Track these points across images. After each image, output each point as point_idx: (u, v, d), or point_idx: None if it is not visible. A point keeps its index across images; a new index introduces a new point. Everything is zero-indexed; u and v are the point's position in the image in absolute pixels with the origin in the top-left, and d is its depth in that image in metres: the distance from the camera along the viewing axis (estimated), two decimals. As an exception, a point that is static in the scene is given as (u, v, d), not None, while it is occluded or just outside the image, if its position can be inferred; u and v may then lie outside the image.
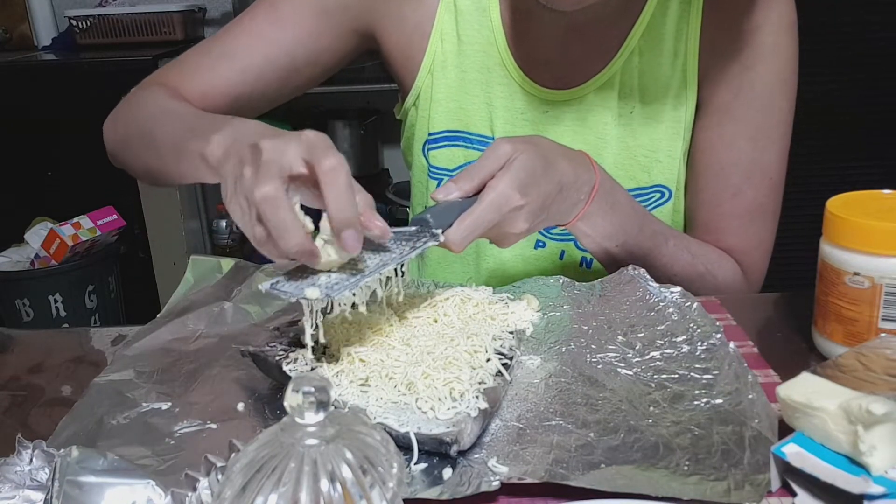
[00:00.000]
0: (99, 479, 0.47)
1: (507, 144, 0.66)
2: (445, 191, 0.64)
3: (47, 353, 0.75)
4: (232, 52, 0.85)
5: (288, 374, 0.59)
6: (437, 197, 0.64)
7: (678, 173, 0.86)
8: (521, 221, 0.65)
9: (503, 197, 0.63)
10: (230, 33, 0.86)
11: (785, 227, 0.90)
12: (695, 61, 0.83)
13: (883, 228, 0.60)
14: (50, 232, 1.99)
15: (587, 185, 0.71)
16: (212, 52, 0.86)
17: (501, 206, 0.63)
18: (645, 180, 0.86)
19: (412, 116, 0.92)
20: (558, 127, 0.87)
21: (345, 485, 0.36)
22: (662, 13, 0.82)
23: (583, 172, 0.71)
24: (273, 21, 0.85)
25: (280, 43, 0.85)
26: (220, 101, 0.85)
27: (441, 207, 0.63)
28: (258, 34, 0.85)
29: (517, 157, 0.65)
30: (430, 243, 0.61)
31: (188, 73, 0.86)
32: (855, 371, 0.55)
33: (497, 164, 0.65)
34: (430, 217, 0.61)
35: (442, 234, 0.61)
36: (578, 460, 0.52)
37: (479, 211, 0.63)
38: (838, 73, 2.17)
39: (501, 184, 0.63)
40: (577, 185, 0.70)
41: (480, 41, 0.86)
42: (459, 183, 0.64)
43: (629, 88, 0.84)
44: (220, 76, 0.85)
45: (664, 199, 0.87)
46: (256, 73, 0.85)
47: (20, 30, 2.50)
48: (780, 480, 0.49)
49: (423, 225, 0.62)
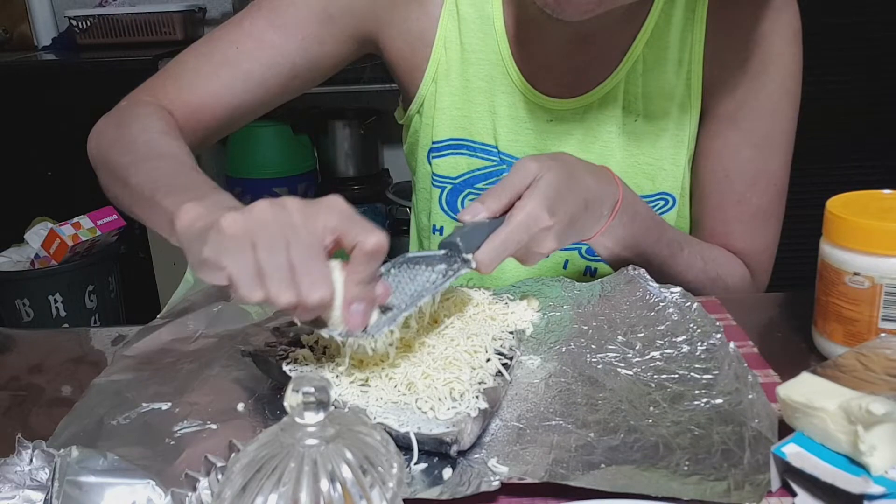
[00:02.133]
0: (99, 479, 0.47)
1: (534, 163, 0.65)
2: (473, 211, 0.63)
3: (47, 353, 0.75)
4: (233, 59, 0.82)
5: (288, 374, 0.59)
6: (464, 218, 0.63)
7: (682, 180, 0.86)
8: (549, 241, 0.65)
9: (532, 217, 0.62)
10: (230, 38, 0.83)
11: (785, 227, 0.90)
12: (699, 70, 0.82)
13: (883, 228, 0.60)
14: (50, 232, 1.99)
15: (611, 200, 0.71)
16: (212, 59, 0.83)
17: (531, 227, 0.63)
18: (649, 188, 0.85)
19: (416, 123, 0.91)
20: (562, 136, 0.86)
21: (345, 485, 0.36)
22: (667, 22, 0.82)
23: (607, 187, 0.71)
24: (276, 26, 0.82)
25: (282, 48, 0.83)
26: (220, 110, 0.83)
27: (469, 228, 0.62)
28: (260, 39, 0.82)
29: (543, 176, 0.64)
30: (462, 270, 0.60)
31: (186, 82, 0.83)
32: (855, 371, 0.55)
33: (524, 182, 0.64)
34: (459, 241, 0.60)
35: (473, 258, 0.60)
36: (578, 460, 0.52)
37: (509, 232, 0.62)
38: (838, 73, 2.17)
39: (530, 204, 0.63)
40: (601, 200, 0.70)
41: (484, 49, 0.85)
42: (487, 203, 0.63)
43: (633, 97, 0.84)
44: (221, 84, 0.82)
45: (668, 207, 0.87)
46: (259, 79, 0.83)
47: (20, 30, 2.50)
48: (780, 480, 0.49)
49: (453, 249, 0.61)
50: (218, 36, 0.84)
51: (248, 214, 0.52)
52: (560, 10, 0.68)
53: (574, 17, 0.69)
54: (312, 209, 0.52)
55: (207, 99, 0.83)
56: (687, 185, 0.87)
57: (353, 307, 0.53)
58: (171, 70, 0.85)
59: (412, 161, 0.95)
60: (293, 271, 0.50)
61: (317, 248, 0.51)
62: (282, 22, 0.82)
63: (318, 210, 0.52)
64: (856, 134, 2.20)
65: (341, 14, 0.83)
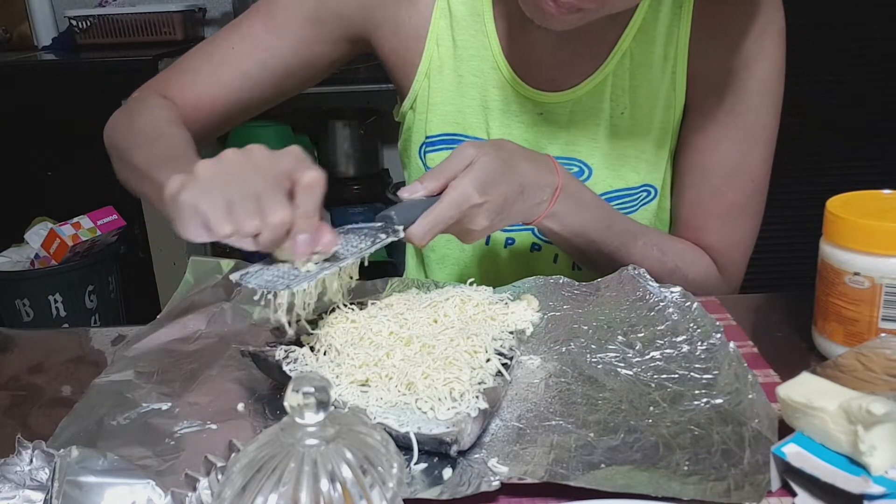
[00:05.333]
0: (99, 479, 0.47)
1: (472, 148, 0.70)
2: (411, 189, 0.68)
3: (47, 353, 0.75)
4: (230, 59, 0.88)
5: (288, 374, 0.59)
6: (403, 195, 0.68)
7: (665, 173, 0.88)
8: (480, 219, 0.69)
9: (463, 195, 0.67)
10: (229, 39, 0.89)
11: (785, 227, 0.90)
12: (684, 65, 0.84)
13: (883, 228, 0.60)
14: (50, 232, 1.99)
15: (549, 187, 0.75)
16: (212, 59, 0.89)
17: (461, 204, 0.67)
18: (634, 180, 0.87)
19: (409, 119, 0.93)
20: (551, 128, 0.88)
21: (345, 485, 0.36)
22: (654, 18, 0.83)
23: (545, 175, 0.74)
24: (269, 29, 0.87)
25: (275, 50, 0.88)
26: (218, 106, 0.89)
27: (406, 205, 0.67)
28: (255, 41, 0.88)
29: (479, 159, 0.69)
30: (389, 238, 0.64)
31: (188, 79, 0.89)
32: (855, 371, 0.55)
33: (461, 165, 0.69)
34: (394, 214, 0.65)
35: (403, 230, 0.65)
36: (578, 460, 0.52)
37: (441, 208, 0.67)
38: (838, 73, 2.17)
39: (462, 183, 0.67)
40: (539, 186, 0.74)
41: (475, 45, 0.87)
42: (425, 182, 0.68)
43: (620, 91, 0.86)
44: (220, 83, 0.88)
45: (650, 198, 0.89)
46: (254, 79, 0.88)
47: (20, 30, 2.50)
48: (780, 480, 0.49)
49: (388, 221, 0.65)
50: (219, 37, 0.90)
51: (218, 160, 0.60)
52: (544, 21, 0.72)
53: (558, 28, 0.73)
54: (274, 154, 0.60)
55: (206, 96, 0.88)
56: (669, 178, 0.89)
57: (300, 237, 0.58)
58: (177, 67, 0.91)
59: (405, 157, 0.97)
60: (258, 201, 0.57)
61: (278, 183, 0.58)
62: (275, 24, 0.87)
63: (280, 155, 0.60)
64: (855, 134, 2.20)
65: (330, 17, 0.87)
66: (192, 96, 0.88)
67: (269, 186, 0.57)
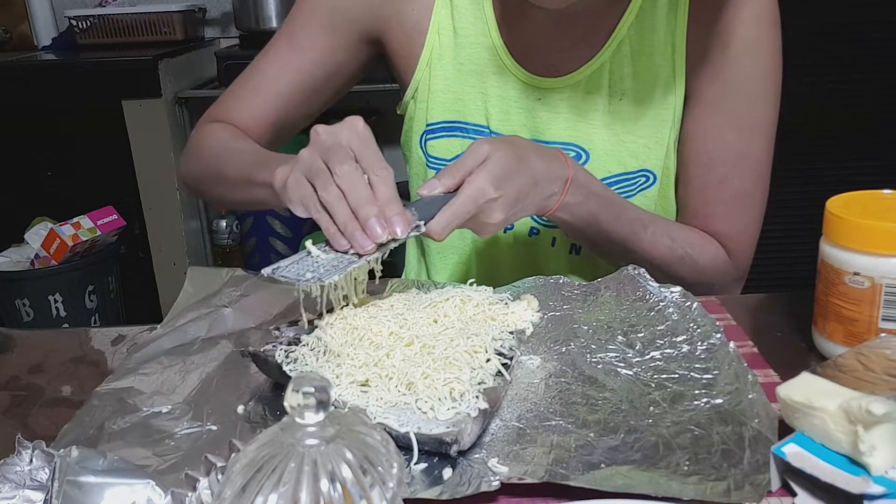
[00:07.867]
0: (99, 479, 0.47)
1: (486, 144, 0.72)
2: (429, 187, 0.70)
3: (47, 353, 0.75)
4: (263, 84, 0.94)
5: (288, 374, 0.59)
6: (421, 192, 0.70)
7: (665, 159, 0.89)
8: (496, 212, 0.71)
9: (479, 190, 0.69)
10: (258, 65, 0.95)
11: (785, 227, 0.90)
12: (682, 52, 0.85)
13: (883, 228, 0.60)
14: (50, 232, 1.99)
15: (561, 180, 0.77)
16: (247, 85, 0.96)
17: (478, 199, 0.69)
18: (633, 165, 0.88)
19: (411, 109, 0.95)
20: (550, 114, 0.89)
21: (345, 485, 0.36)
22: (652, 5, 0.85)
23: (556, 168, 0.76)
24: (293, 47, 0.93)
25: (302, 66, 0.93)
26: (262, 129, 0.95)
27: (425, 202, 0.69)
28: (282, 62, 0.93)
29: (493, 155, 0.71)
30: (412, 234, 0.66)
31: (233, 107, 0.96)
32: (855, 371, 0.55)
33: (475, 161, 0.70)
34: (414, 210, 0.67)
35: (424, 224, 0.67)
36: (578, 460, 0.52)
37: (458, 203, 0.68)
38: (838, 73, 2.17)
39: (478, 179, 0.69)
40: (551, 179, 0.76)
41: (475, 33, 0.89)
42: (442, 179, 0.70)
43: (619, 77, 0.87)
44: (257, 107, 0.94)
45: (649, 183, 0.89)
46: (286, 98, 0.94)
47: (20, 30, 2.50)
48: (780, 480, 0.49)
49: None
50: (255, 63, 0.97)
51: (312, 144, 0.68)
52: (540, 0, 0.75)
53: (554, 6, 0.76)
54: (363, 141, 0.68)
55: (249, 121, 0.95)
56: (671, 165, 0.90)
57: (371, 221, 0.63)
58: (225, 94, 0.99)
59: (406, 149, 0.99)
60: (356, 178, 0.64)
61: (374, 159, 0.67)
62: (296, 43, 0.93)
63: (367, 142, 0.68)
64: (856, 134, 2.20)
65: (343, 23, 0.92)
66: (240, 121, 0.94)
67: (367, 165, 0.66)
